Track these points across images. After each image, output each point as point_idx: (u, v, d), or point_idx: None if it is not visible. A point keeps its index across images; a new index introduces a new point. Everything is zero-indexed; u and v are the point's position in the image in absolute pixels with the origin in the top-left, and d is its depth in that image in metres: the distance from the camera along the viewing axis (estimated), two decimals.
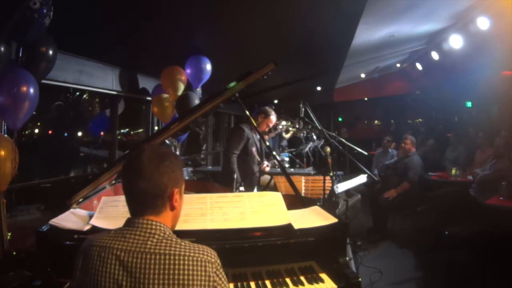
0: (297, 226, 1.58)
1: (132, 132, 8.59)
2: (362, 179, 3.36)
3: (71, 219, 1.64)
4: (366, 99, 12.02)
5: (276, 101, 9.42)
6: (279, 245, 1.54)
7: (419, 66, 7.86)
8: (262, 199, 1.74)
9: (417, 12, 4.33)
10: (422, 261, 3.83)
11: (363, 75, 9.56)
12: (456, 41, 5.49)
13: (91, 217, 1.64)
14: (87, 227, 1.54)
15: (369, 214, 5.04)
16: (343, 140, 3.50)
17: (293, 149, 7.55)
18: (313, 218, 1.71)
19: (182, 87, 3.92)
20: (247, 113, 2.25)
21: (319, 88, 9.17)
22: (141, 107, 5.21)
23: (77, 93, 4.89)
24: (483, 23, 4.67)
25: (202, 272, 0.99)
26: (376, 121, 13.53)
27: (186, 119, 1.93)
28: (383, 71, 9.54)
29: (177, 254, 1.00)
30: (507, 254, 2.93)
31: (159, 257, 0.99)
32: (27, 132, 6.67)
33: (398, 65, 9.16)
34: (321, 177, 2.96)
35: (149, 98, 4.58)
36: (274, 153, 2.43)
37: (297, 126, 7.57)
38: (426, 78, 8.44)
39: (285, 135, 8.83)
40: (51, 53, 2.46)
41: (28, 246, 1.84)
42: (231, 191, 2.65)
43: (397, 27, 4.87)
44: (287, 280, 1.51)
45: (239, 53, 4.36)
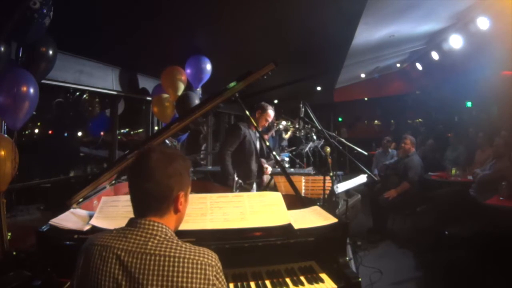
0: (297, 226, 1.58)
1: (132, 132, 8.59)
2: (362, 179, 3.36)
3: (71, 219, 1.64)
4: (366, 99, 12.01)
5: (276, 101, 9.41)
6: (279, 245, 1.54)
7: (419, 66, 7.86)
8: (262, 199, 1.74)
9: (417, 12, 4.33)
10: (422, 261, 3.83)
11: (363, 75, 9.56)
12: (456, 41, 5.49)
13: (91, 217, 1.64)
14: (87, 227, 1.54)
15: (369, 214, 5.03)
16: (343, 140, 3.50)
17: (293, 148, 7.56)
18: (313, 218, 1.71)
19: (182, 87, 3.92)
20: (247, 113, 2.25)
21: (319, 88, 9.17)
22: (141, 107, 5.21)
23: (77, 93, 4.89)
24: (483, 23, 4.67)
25: (201, 275, 0.99)
26: (376, 121, 13.53)
27: (186, 119, 1.93)
28: (383, 71, 9.54)
29: (177, 256, 0.99)
30: (507, 254, 2.93)
31: (159, 259, 0.99)
32: (27, 132, 6.67)
33: (398, 65, 9.16)
34: (321, 177, 2.96)
35: (149, 98, 4.58)
36: (274, 153, 2.43)
37: (296, 126, 7.57)
38: (426, 78, 8.43)
39: (284, 135, 8.84)
40: (51, 53, 2.46)
41: (28, 246, 1.84)
42: (231, 191, 2.65)
43: (397, 27, 4.87)
44: (287, 280, 1.51)
45: (239, 53, 4.36)
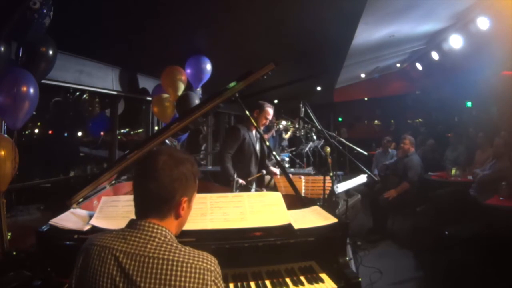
0: (297, 226, 1.58)
1: (132, 132, 8.59)
2: (362, 179, 3.36)
3: (71, 219, 1.64)
4: (366, 99, 12.03)
5: (276, 101, 9.41)
6: (279, 245, 1.54)
7: (419, 66, 7.87)
8: (262, 199, 1.73)
9: (417, 12, 4.33)
10: (422, 261, 3.83)
11: (363, 75, 9.57)
12: (456, 41, 5.49)
13: (91, 217, 1.64)
14: (87, 227, 1.54)
15: (369, 214, 5.03)
16: (343, 140, 3.50)
17: (293, 148, 7.56)
18: (313, 218, 1.71)
19: (182, 87, 3.92)
20: (247, 113, 2.25)
21: (319, 88, 9.17)
22: (141, 107, 5.21)
23: (77, 93, 4.89)
24: (483, 23, 4.68)
25: (199, 279, 0.97)
26: (376, 121, 13.54)
27: (186, 119, 1.93)
28: (383, 71, 9.55)
29: (176, 259, 0.98)
30: (507, 254, 2.93)
31: (157, 262, 0.98)
32: (27, 132, 6.67)
33: (398, 65, 9.17)
34: (321, 177, 2.95)
35: (149, 98, 4.58)
36: (274, 153, 2.43)
37: (296, 125, 7.57)
38: (426, 78, 8.44)
39: (285, 135, 8.85)
40: (51, 53, 2.46)
41: (28, 246, 1.84)
42: (231, 191, 2.65)
43: (397, 27, 4.88)
44: (287, 280, 1.50)
45: (239, 53, 4.36)
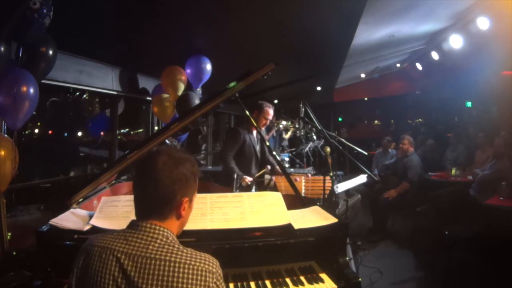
0: (297, 226, 1.58)
1: (132, 132, 8.60)
2: (362, 179, 3.35)
3: (71, 219, 1.64)
4: (366, 99, 12.03)
5: (276, 101, 9.41)
6: (279, 245, 1.54)
7: (419, 66, 7.87)
8: (262, 199, 1.73)
9: (417, 12, 4.33)
10: (422, 261, 3.83)
11: (363, 75, 9.57)
12: (456, 41, 5.49)
13: (91, 217, 1.64)
14: (87, 227, 1.54)
15: (369, 214, 5.03)
16: (343, 140, 3.50)
17: (293, 149, 7.56)
18: (313, 218, 1.71)
19: (182, 87, 3.92)
20: (247, 113, 2.25)
21: (319, 88, 9.17)
22: (141, 107, 5.21)
23: (77, 93, 4.89)
24: (483, 23, 4.68)
25: (201, 282, 0.97)
26: (376, 121, 13.55)
27: (186, 119, 1.93)
28: (383, 71, 9.55)
29: (177, 261, 0.98)
30: (507, 254, 2.93)
31: (159, 263, 0.97)
32: (27, 132, 6.67)
33: (398, 65, 9.18)
34: (321, 177, 2.95)
35: (149, 98, 4.58)
36: (274, 153, 2.43)
37: (296, 125, 7.57)
38: (426, 78, 8.44)
39: (285, 135, 8.85)
40: (51, 53, 2.46)
41: (28, 246, 1.84)
42: (231, 191, 2.65)
43: (397, 27, 4.88)
44: (287, 280, 1.50)
45: (239, 53, 4.36)
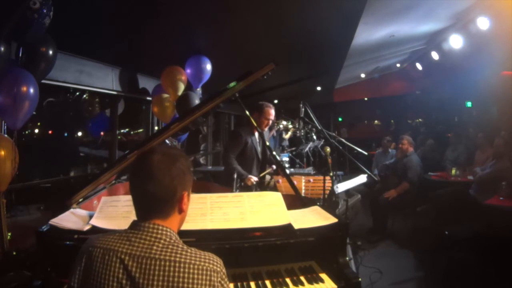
0: (297, 226, 1.58)
1: (132, 132, 8.61)
2: (362, 179, 3.35)
3: (71, 219, 1.64)
4: (366, 99, 12.02)
5: (276, 101, 9.42)
6: (279, 245, 1.54)
7: (419, 66, 7.87)
8: (262, 199, 1.73)
9: (417, 12, 4.33)
10: (422, 261, 3.83)
11: (363, 75, 9.57)
12: (456, 41, 5.48)
13: (91, 217, 1.64)
14: (87, 227, 1.54)
15: (369, 214, 5.03)
16: (343, 140, 3.50)
17: (293, 149, 7.56)
18: (313, 218, 1.71)
19: (182, 87, 3.92)
20: (247, 113, 2.25)
21: (319, 88, 9.18)
22: (141, 107, 5.22)
23: (77, 93, 4.89)
24: (483, 23, 4.67)
25: (206, 281, 0.97)
26: (376, 121, 13.55)
27: (186, 119, 1.93)
28: (383, 71, 9.55)
29: (182, 261, 0.98)
30: (507, 254, 2.93)
31: (163, 264, 0.97)
32: (27, 132, 6.68)
33: (398, 65, 9.17)
34: (321, 177, 2.95)
35: (149, 98, 4.58)
36: (274, 153, 2.43)
37: (296, 125, 7.57)
38: (426, 78, 8.44)
39: (285, 135, 8.85)
40: (51, 53, 2.46)
41: (28, 246, 1.84)
42: (231, 191, 2.65)
43: (397, 27, 4.87)
44: (287, 280, 1.50)
45: (239, 53, 4.36)
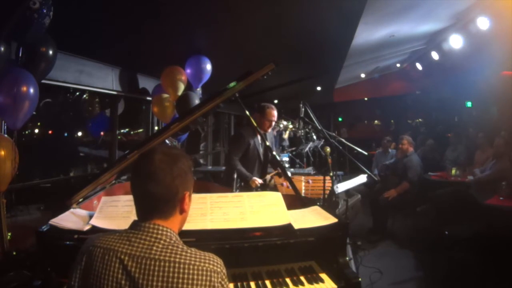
0: (297, 226, 1.58)
1: (132, 132, 8.60)
2: (362, 179, 3.36)
3: (71, 219, 1.64)
4: (366, 99, 12.03)
5: (276, 101, 9.42)
6: (279, 245, 1.54)
7: (419, 66, 7.86)
8: (262, 199, 1.73)
9: (417, 12, 4.33)
10: (422, 261, 3.82)
11: (363, 75, 9.57)
12: (456, 41, 5.48)
13: (91, 217, 1.64)
14: (87, 227, 1.54)
15: (369, 214, 5.03)
16: (343, 140, 3.49)
17: (293, 148, 7.56)
18: (313, 218, 1.71)
19: (182, 87, 3.92)
20: (247, 113, 2.25)
21: (319, 88, 9.17)
22: (141, 107, 5.22)
23: (77, 93, 4.89)
24: (483, 23, 4.67)
25: (206, 282, 0.97)
26: (376, 121, 13.55)
27: (186, 119, 1.93)
28: (383, 71, 9.55)
29: (182, 262, 0.98)
30: (507, 254, 2.93)
31: (163, 264, 0.97)
32: (27, 132, 6.68)
33: (398, 65, 9.17)
34: (321, 177, 2.95)
35: (149, 98, 4.58)
36: (274, 153, 2.43)
37: (296, 125, 7.57)
38: (426, 78, 8.43)
39: (284, 135, 8.85)
40: (51, 53, 2.46)
41: (28, 246, 1.84)
42: (231, 191, 2.65)
43: (397, 27, 4.87)
44: (287, 280, 1.50)
45: (239, 53, 4.36)
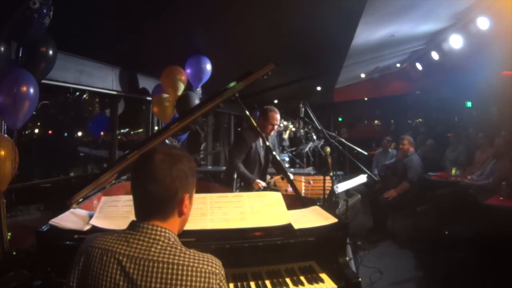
0: (297, 226, 1.58)
1: (132, 132, 8.61)
2: (362, 179, 3.35)
3: (71, 219, 1.64)
4: (366, 99, 12.03)
5: (276, 101, 9.42)
6: (279, 245, 1.54)
7: (419, 66, 7.86)
8: (262, 199, 1.73)
9: (417, 12, 4.33)
10: (422, 261, 3.82)
11: (363, 75, 9.57)
12: (456, 41, 5.48)
13: (91, 217, 1.64)
14: (87, 227, 1.54)
15: (369, 214, 5.03)
16: (343, 140, 3.49)
17: (293, 148, 7.56)
18: (313, 218, 1.71)
19: (182, 87, 3.92)
20: (247, 113, 2.25)
21: (319, 88, 9.17)
22: (141, 107, 5.22)
23: (77, 93, 4.89)
24: (483, 23, 4.67)
25: (205, 283, 0.97)
26: (376, 121, 13.55)
27: (186, 119, 1.93)
28: (383, 71, 9.55)
29: (181, 263, 0.97)
30: (507, 254, 2.93)
31: (161, 266, 0.96)
32: (27, 132, 6.68)
33: (398, 65, 9.17)
34: (321, 177, 2.95)
35: (149, 98, 4.59)
36: (274, 153, 2.43)
37: (296, 125, 7.58)
38: (426, 78, 8.43)
39: (284, 135, 8.86)
40: (51, 53, 2.46)
41: (28, 246, 1.84)
42: (231, 191, 2.65)
43: (397, 27, 4.87)
44: (287, 280, 1.50)
45: (239, 53, 4.36)
